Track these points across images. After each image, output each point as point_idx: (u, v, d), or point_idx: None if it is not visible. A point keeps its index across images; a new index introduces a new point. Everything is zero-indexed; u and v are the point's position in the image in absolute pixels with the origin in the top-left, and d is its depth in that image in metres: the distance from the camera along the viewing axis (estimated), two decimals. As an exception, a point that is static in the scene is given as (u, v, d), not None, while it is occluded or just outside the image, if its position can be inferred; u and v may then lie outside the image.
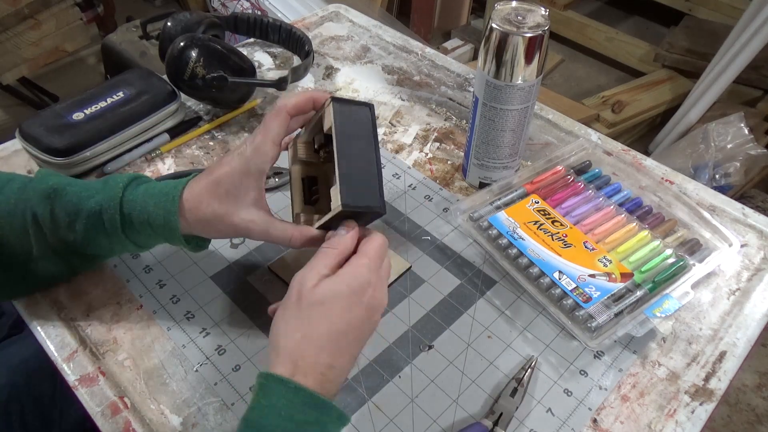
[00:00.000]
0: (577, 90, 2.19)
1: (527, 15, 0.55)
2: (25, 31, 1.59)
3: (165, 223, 0.45)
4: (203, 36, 0.72)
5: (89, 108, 0.68)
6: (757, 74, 1.85)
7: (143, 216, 0.46)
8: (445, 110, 0.80)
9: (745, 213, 0.66)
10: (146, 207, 0.46)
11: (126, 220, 0.46)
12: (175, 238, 0.47)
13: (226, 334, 0.53)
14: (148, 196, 0.46)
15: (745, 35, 1.58)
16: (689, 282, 0.54)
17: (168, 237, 0.47)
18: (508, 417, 0.47)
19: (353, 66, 0.88)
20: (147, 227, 0.46)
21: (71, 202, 0.46)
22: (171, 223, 0.45)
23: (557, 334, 0.54)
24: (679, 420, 0.48)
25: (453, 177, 0.70)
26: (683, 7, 2.20)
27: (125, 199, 0.46)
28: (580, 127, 0.77)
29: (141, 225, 0.46)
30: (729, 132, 1.64)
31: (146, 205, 0.46)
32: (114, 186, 0.46)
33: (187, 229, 0.47)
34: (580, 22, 2.28)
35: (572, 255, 0.57)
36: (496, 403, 0.48)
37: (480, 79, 0.59)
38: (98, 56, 1.93)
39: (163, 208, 0.45)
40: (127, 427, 0.47)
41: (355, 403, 0.49)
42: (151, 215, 0.46)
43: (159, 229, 0.46)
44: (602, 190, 0.65)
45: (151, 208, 0.46)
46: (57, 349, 0.52)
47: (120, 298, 0.56)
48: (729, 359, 0.52)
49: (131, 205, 0.46)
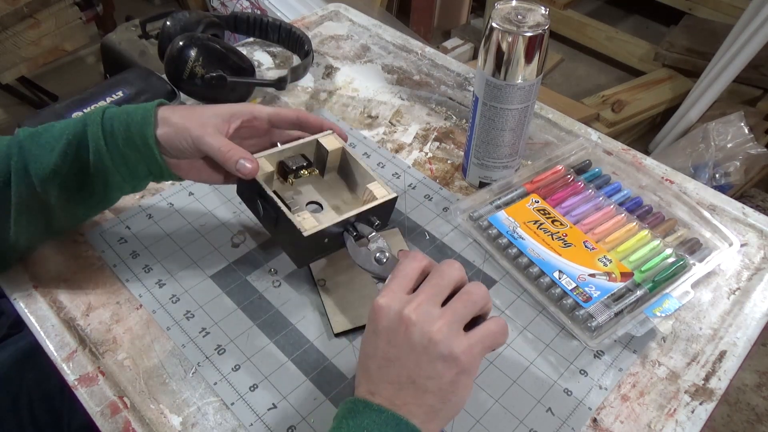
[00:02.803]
0: (577, 89, 2.19)
1: (527, 14, 0.55)
2: (25, 30, 1.58)
3: (142, 120, 0.50)
4: (202, 35, 0.72)
5: (89, 107, 0.68)
6: (757, 73, 1.85)
7: (122, 119, 0.50)
8: (445, 110, 0.80)
9: (745, 212, 0.66)
10: (127, 111, 0.51)
11: (107, 130, 0.50)
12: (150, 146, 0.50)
13: (226, 333, 0.53)
14: (128, 108, 0.52)
15: (745, 34, 1.58)
16: (689, 281, 0.54)
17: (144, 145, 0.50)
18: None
19: (353, 65, 0.87)
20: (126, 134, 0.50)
21: (59, 128, 0.50)
22: (148, 119, 0.50)
23: (557, 334, 0.54)
24: (679, 419, 0.48)
25: (453, 176, 0.70)
26: (683, 6, 2.20)
27: (107, 112, 0.51)
28: (580, 127, 0.77)
29: (120, 131, 0.50)
30: (729, 131, 1.64)
31: (126, 111, 0.51)
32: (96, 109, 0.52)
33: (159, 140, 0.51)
34: (580, 21, 2.28)
35: (572, 254, 0.57)
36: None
37: (480, 78, 0.58)
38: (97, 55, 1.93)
39: (142, 108, 0.51)
40: (127, 426, 0.47)
41: (355, 402, 0.49)
42: (130, 115, 0.50)
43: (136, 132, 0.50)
44: (602, 190, 0.64)
45: (131, 110, 0.51)
46: (56, 349, 0.52)
47: (119, 297, 0.56)
48: (729, 359, 0.52)
49: (111, 113, 0.51)
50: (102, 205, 0.56)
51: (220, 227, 0.62)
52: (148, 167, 0.53)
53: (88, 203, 0.54)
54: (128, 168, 0.52)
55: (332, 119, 0.77)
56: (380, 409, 0.38)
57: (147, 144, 0.50)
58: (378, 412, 0.38)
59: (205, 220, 0.63)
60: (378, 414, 0.38)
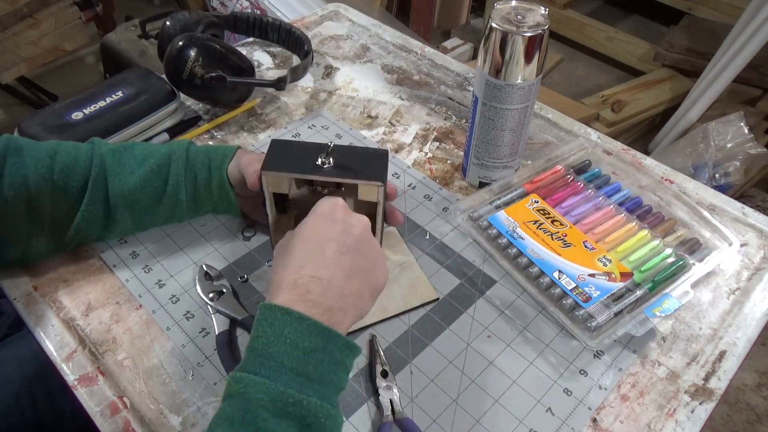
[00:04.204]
0: (577, 89, 2.19)
1: (527, 14, 0.55)
2: (24, 30, 1.58)
3: (222, 158, 0.56)
4: (202, 35, 0.72)
5: (88, 107, 0.68)
6: (757, 73, 1.85)
7: (204, 161, 0.56)
8: (445, 109, 0.80)
9: (744, 212, 0.66)
10: (208, 153, 0.57)
11: (189, 166, 0.55)
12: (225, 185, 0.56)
13: (226, 333, 0.53)
14: (210, 147, 0.58)
15: (745, 34, 1.58)
16: (689, 281, 0.54)
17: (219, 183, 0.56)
18: (397, 397, 0.48)
19: (353, 65, 0.87)
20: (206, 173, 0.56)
21: (141, 153, 0.55)
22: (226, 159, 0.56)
23: (557, 334, 0.54)
24: (678, 419, 0.48)
25: (453, 176, 0.70)
26: (683, 6, 2.19)
27: (191, 149, 0.56)
28: (580, 127, 0.77)
29: (201, 170, 0.56)
30: (729, 131, 1.64)
31: (208, 152, 0.57)
32: (180, 141, 0.58)
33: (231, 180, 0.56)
34: (580, 21, 2.28)
35: (572, 254, 0.56)
36: (379, 395, 0.49)
37: (480, 78, 0.58)
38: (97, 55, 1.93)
39: (223, 149, 0.57)
40: (127, 426, 0.47)
41: (356, 402, 0.49)
42: (211, 155, 0.56)
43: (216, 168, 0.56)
44: (602, 190, 0.64)
45: (212, 153, 0.57)
46: (56, 349, 0.52)
47: (119, 297, 0.56)
48: (729, 359, 0.52)
49: (195, 151, 0.57)
50: (150, 226, 0.59)
51: (220, 228, 0.62)
52: (215, 206, 0.58)
53: (144, 224, 0.57)
54: (196, 203, 0.57)
55: (332, 119, 0.77)
56: (301, 317, 0.41)
57: (222, 182, 0.56)
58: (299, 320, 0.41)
59: (205, 221, 0.63)
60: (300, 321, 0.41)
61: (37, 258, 0.57)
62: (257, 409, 0.37)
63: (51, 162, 0.52)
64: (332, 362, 0.41)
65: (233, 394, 0.38)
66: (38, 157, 0.52)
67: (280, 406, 0.37)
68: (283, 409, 0.37)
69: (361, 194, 0.50)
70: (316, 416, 0.38)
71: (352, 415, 0.48)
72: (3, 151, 0.51)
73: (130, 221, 0.56)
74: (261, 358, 0.40)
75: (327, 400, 0.40)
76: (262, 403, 0.37)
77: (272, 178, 0.51)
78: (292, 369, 0.39)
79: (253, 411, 0.37)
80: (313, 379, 0.40)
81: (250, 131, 0.75)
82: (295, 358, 0.39)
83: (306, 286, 0.43)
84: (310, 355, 0.40)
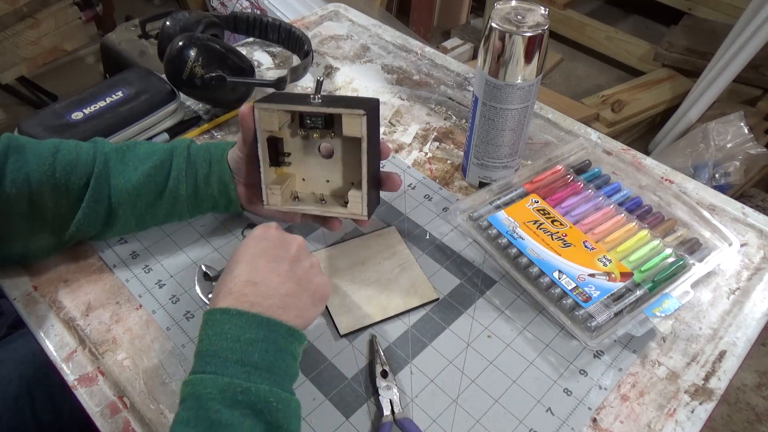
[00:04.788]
0: (577, 89, 2.19)
1: (527, 14, 0.55)
2: (24, 30, 1.58)
3: (221, 152, 0.56)
4: (202, 35, 0.72)
5: (88, 107, 0.68)
6: (757, 73, 1.85)
7: (205, 157, 0.56)
8: (445, 109, 0.80)
9: (744, 212, 0.65)
10: (209, 148, 0.57)
11: (190, 163, 0.56)
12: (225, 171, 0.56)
13: (226, 333, 0.53)
14: (210, 144, 0.58)
15: (745, 34, 1.58)
16: (689, 281, 0.54)
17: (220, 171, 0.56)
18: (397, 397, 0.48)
19: (353, 65, 0.87)
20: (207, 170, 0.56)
21: (144, 151, 0.56)
22: (226, 152, 0.56)
23: (557, 334, 0.54)
24: (678, 419, 0.48)
25: (453, 176, 0.70)
26: (683, 6, 2.19)
27: (192, 146, 0.57)
28: (580, 127, 0.77)
29: (202, 166, 0.56)
30: (729, 131, 1.64)
31: (209, 147, 0.57)
32: (181, 140, 0.58)
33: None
34: (580, 21, 2.28)
35: (572, 254, 0.56)
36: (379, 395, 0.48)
37: (480, 78, 0.58)
38: (97, 55, 1.93)
39: (221, 146, 0.58)
40: (127, 426, 0.47)
41: (356, 402, 0.49)
42: (211, 150, 0.57)
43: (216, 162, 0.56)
44: (602, 190, 0.64)
45: (213, 149, 0.57)
46: (56, 349, 0.52)
47: (119, 297, 0.56)
48: (729, 359, 0.52)
49: (195, 148, 0.57)
50: (151, 224, 0.59)
51: (220, 228, 0.62)
52: (215, 203, 0.58)
53: (145, 221, 0.57)
54: (196, 199, 0.57)
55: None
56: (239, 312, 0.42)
57: (222, 176, 0.56)
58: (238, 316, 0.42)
59: (205, 221, 0.63)
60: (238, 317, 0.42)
61: (39, 255, 0.57)
62: (208, 403, 0.38)
63: (53, 160, 0.52)
64: (277, 350, 0.42)
65: (185, 397, 0.39)
66: (40, 155, 0.52)
67: (230, 396, 0.38)
68: (233, 398, 0.38)
69: (346, 129, 0.52)
70: (267, 401, 0.39)
71: (352, 415, 0.48)
72: (4, 149, 0.51)
73: (132, 218, 0.56)
74: (206, 358, 0.41)
75: (277, 386, 0.40)
76: (212, 396, 0.38)
77: (263, 114, 0.52)
78: (237, 361, 0.40)
79: (204, 406, 0.38)
80: (260, 367, 0.40)
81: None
82: (238, 350, 0.40)
83: (241, 290, 0.44)
84: (253, 345, 0.41)
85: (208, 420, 0.37)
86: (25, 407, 0.59)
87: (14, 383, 0.60)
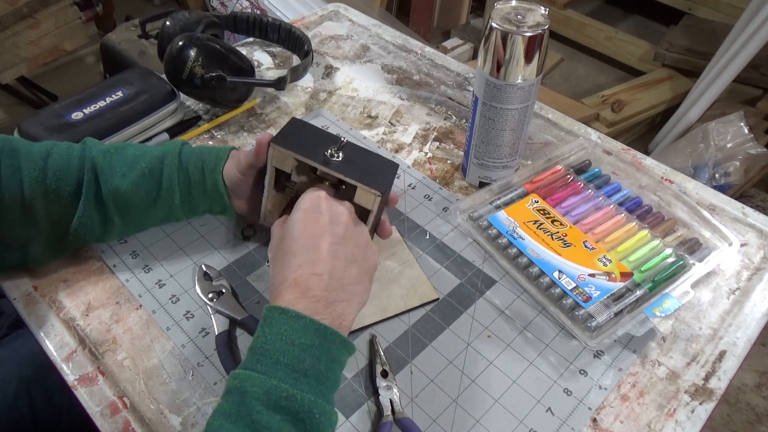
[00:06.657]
0: (577, 89, 2.19)
1: (527, 14, 0.55)
2: (24, 30, 1.58)
3: (216, 160, 0.54)
4: (202, 35, 0.72)
5: (88, 107, 0.68)
6: (757, 73, 1.85)
7: (197, 163, 0.54)
8: (445, 109, 0.80)
9: (744, 212, 0.65)
10: (201, 154, 0.55)
11: (182, 170, 0.54)
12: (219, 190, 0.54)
13: (226, 333, 0.53)
14: (203, 150, 0.56)
15: (745, 34, 1.58)
16: (689, 281, 0.54)
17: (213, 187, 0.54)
18: (397, 397, 0.48)
19: (353, 65, 0.87)
20: (199, 177, 0.54)
21: (132, 154, 0.54)
22: (220, 161, 0.54)
23: (557, 334, 0.54)
24: (678, 419, 0.48)
25: (453, 176, 0.70)
26: (683, 6, 2.19)
27: (183, 151, 0.55)
28: (580, 127, 0.77)
29: (194, 173, 0.54)
30: (729, 131, 1.64)
31: (201, 153, 0.55)
32: (173, 142, 0.56)
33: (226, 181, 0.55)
34: (580, 21, 2.28)
35: (572, 254, 0.56)
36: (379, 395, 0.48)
37: (480, 78, 0.58)
38: (97, 55, 1.93)
39: (216, 151, 0.55)
40: (127, 426, 0.47)
41: (356, 402, 0.49)
42: (204, 159, 0.54)
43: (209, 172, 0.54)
44: (602, 190, 0.64)
45: (206, 155, 0.55)
46: (56, 349, 0.52)
47: (119, 297, 0.56)
48: (729, 359, 0.52)
49: (187, 153, 0.55)
50: (148, 227, 0.59)
51: (219, 227, 0.62)
52: (210, 207, 0.56)
53: (140, 225, 0.57)
54: (191, 205, 0.55)
55: (332, 119, 0.77)
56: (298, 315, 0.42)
57: (216, 186, 0.54)
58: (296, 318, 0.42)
59: (205, 221, 0.63)
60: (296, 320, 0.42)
61: (39, 263, 0.57)
62: (251, 401, 0.38)
63: (44, 165, 0.51)
64: (329, 360, 0.42)
65: (231, 390, 0.39)
66: (32, 160, 0.51)
67: (274, 400, 0.38)
68: (277, 403, 0.38)
69: (358, 197, 0.50)
70: (311, 411, 0.39)
71: (352, 415, 0.48)
72: None
73: (126, 223, 0.55)
74: (258, 356, 0.40)
75: (322, 397, 0.40)
76: (257, 396, 0.38)
77: (278, 153, 0.51)
78: (288, 365, 0.40)
79: (248, 404, 0.38)
80: (309, 375, 0.40)
81: (250, 131, 0.75)
82: (291, 354, 0.40)
83: (306, 283, 0.44)
84: (306, 351, 0.41)
85: (249, 418, 0.37)
86: (23, 407, 0.59)
87: (13, 383, 0.60)
